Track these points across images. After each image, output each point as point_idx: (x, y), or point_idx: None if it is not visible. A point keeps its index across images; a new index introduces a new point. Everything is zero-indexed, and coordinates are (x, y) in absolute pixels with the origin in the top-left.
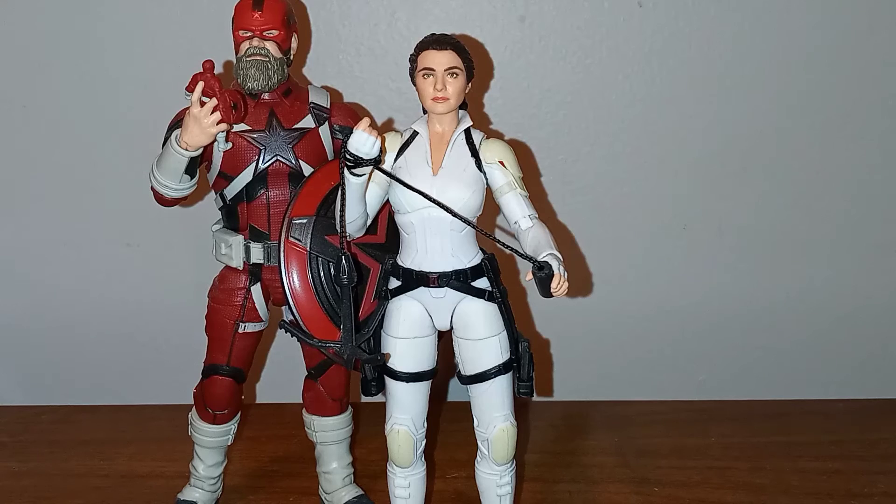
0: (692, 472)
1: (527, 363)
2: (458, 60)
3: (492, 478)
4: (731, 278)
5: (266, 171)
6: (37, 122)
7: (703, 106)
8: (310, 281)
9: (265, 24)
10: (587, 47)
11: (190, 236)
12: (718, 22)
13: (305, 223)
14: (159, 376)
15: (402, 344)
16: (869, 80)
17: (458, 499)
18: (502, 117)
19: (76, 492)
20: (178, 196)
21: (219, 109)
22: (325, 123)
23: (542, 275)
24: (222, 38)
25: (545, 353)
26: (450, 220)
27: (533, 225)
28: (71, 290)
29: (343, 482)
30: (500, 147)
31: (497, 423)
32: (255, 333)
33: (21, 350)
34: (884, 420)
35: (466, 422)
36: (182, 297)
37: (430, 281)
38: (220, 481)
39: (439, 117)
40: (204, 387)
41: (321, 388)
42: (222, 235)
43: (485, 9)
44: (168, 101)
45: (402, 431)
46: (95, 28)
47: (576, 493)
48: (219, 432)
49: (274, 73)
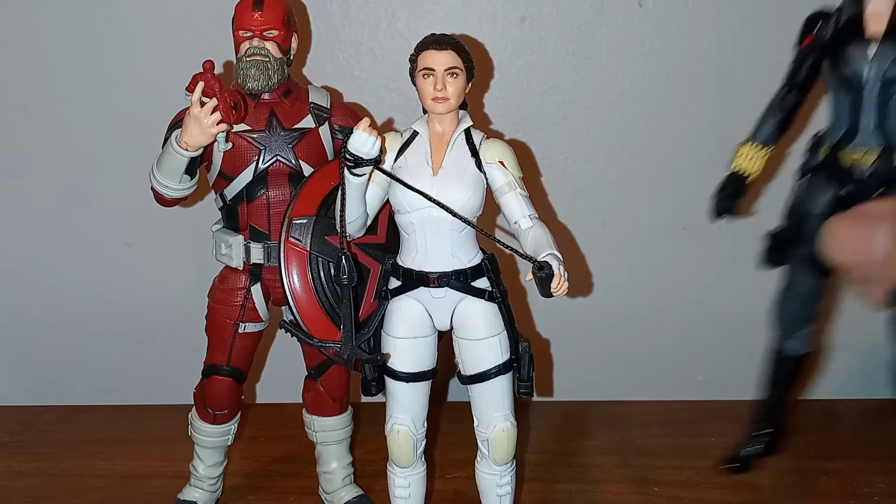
0: (692, 472)
1: (527, 363)
2: (458, 60)
3: (492, 478)
4: (731, 278)
5: (266, 171)
6: (36, 123)
7: (703, 106)
8: (310, 281)
9: (265, 24)
10: (587, 47)
11: (190, 236)
12: (718, 22)
13: (305, 223)
14: (159, 376)
15: (402, 344)
16: None
17: (458, 499)
18: (502, 117)
19: (76, 492)
20: (178, 196)
21: (219, 109)
22: (325, 123)
23: (542, 275)
24: (222, 38)
25: (545, 353)
26: (450, 220)
27: (533, 225)
28: (71, 289)
29: (343, 482)
30: (500, 147)
31: (497, 423)
32: (255, 333)
33: (21, 350)
34: (884, 420)
35: (466, 422)
36: (182, 297)
37: (430, 281)
38: (220, 481)
39: (439, 117)
40: (204, 387)
41: (321, 388)
42: (222, 235)
43: (485, 9)
44: (168, 101)
45: (402, 431)
46: (95, 28)
47: (576, 493)
48: (219, 432)
49: (274, 73)
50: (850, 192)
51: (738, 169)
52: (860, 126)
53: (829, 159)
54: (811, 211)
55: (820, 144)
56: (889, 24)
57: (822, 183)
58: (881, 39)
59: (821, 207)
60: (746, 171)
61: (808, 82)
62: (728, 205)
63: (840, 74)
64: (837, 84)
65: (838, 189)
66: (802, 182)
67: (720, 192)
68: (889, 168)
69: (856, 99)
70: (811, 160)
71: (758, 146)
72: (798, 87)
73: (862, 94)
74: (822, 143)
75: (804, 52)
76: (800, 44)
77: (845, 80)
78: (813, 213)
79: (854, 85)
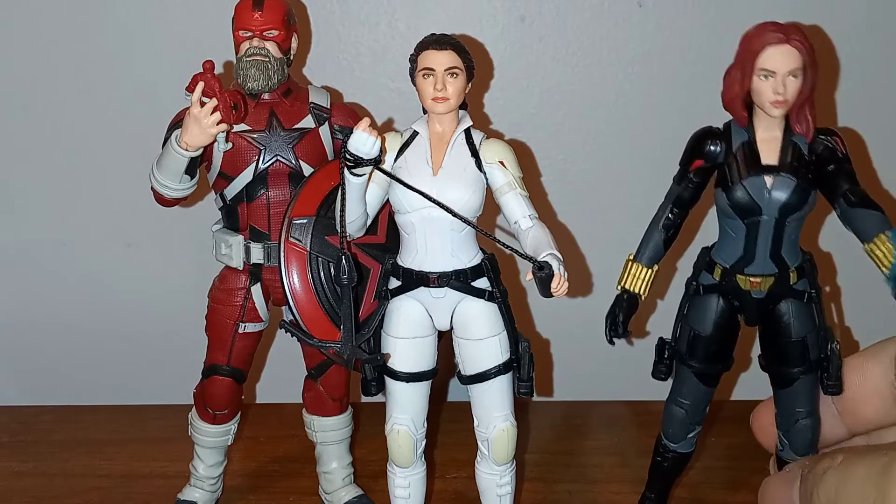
0: (692, 472)
1: (527, 363)
2: (458, 60)
3: (492, 478)
4: None
5: (266, 172)
6: (37, 123)
7: (703, 106)
8: (310, 281)
9: (265, 24)
10: (587, 47)
11: (190, 236)
12: (718, 22)
13: (305, 223)
14: (159, 376)
15: (402, 344)
16: (870, 79)
17: (458, 499)
18: (502, 117)
19: (76, 492)
20: (178, 196)
21: (219, 110)
22: (325, 123)
23: (543, 275)
24: (222, 38)
25: (545, 353)
26: (450, 220)
27: (533, 225)
28: (71, 290)
29: (343, 482)
30: (500, 147)
31: (497, 423)
32: (255, 333)
33: (21, 350)
34: None
35: (466, 422)
36: (182, 297)
37: (430, 281)
38: (220, 481)
39: (439, 117)
40: (204, 387)
41: (321, 388)
42: (222, 235)
43: (485, 9)
44: (168, 101)
45: (402, 431)
46: (95, 28)
47: (576, 493)
48: (219, 432)
49: (274, 73)
50: (744, 308)
51: (627, 287)
52: (756, 253)
53: (724, 280)
54: (705, 328)
55: (713, 264)
56: (781, 151)
57: (715, 301)
58: (777, 168)
59: (715, 323)
60: (636, 290)
61: (693, 201)
62: (622, 330)
63: (735, 202)
64: (731, 209)
65: (732, 306)
66: (696, 299)
67: (612, 315)
68: (785, 287)
69: (752, 228)
70: (704, 278)
71: (643, 267)
72: (682, 206)
73: (759, 221)
74: (715, 263)
75: (692, 173)
76: (688, 164)
77: (740, 207)
78: (706, 331)
79: (750, 213)
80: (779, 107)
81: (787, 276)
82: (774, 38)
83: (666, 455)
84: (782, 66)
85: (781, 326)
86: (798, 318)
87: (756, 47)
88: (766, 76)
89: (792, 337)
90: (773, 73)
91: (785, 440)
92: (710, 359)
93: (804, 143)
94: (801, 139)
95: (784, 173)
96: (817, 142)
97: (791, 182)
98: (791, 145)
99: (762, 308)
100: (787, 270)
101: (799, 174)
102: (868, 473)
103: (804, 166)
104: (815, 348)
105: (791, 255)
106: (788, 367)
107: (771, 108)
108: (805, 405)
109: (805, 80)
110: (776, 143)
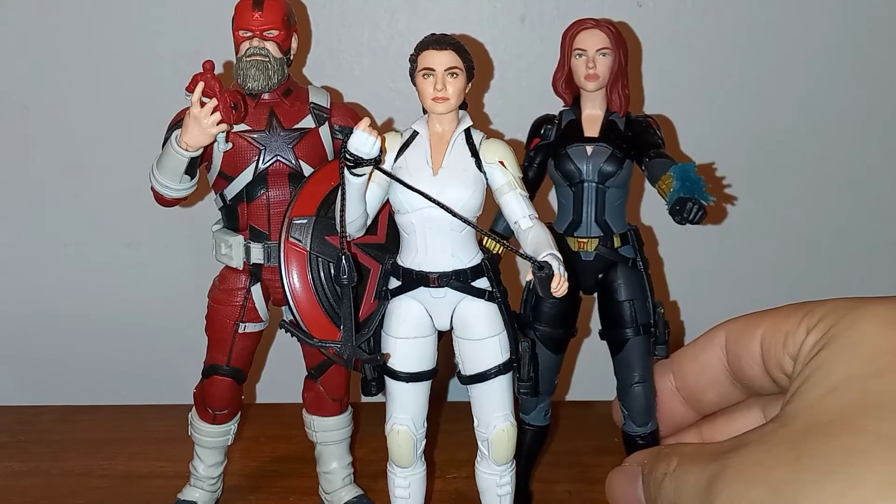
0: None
1: (527, 363)
2: (458, 60)
3: (492, 478)
4: (732, 278)
5: (266, 172)
6: (37, 123)
7: (703, 106)
8: (310, 281)
9: (265, 24)
10: None
11: (190, 236)
12: (718, 22)
13: (305, 223)
14: (159, 376)
15: (402, 344)
16: (870, 79)
17: (458, 499)
18: (502, 117)
19: (76, 492)
20: (178, 196)
21: (219, 110)
22: (325, 123)
23: (543, 275)
24: (222, 38)
25: None
26: (450, 220)
27: (533, 225)
28: (71, 290)
29: (343, 482)
30: (500, 147)
31: (497, 423)
32: (255, 333)
33: (21, 350)
34: None
35: (466, 422)
36: (182, 297)
37: (430, 281)
38: (220, 481)
39: (439, 117)
40: (204, 387)
41: (321, 388)
42: (222, 235)
43: (485, 9)
44: (168, 102)
45: (402, 431)
46: (96, 28)
47: (576, 493)
48: (219, 432)
49: (274, 73)
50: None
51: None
52: (583, 217)
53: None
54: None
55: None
56: (602, 126)
57: None
58: (597, 140)
59: None
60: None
61: (538, 180)
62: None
63: (563, 171)
64: (561, 180)
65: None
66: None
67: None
68: (611, 251)
69: (577, 193)
70: None
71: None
72: (528, 185)
73: (582, 188)
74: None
75: (532, 153)
76: (528, 145)
77: (567, 176)
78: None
79: (575, 181)
80: (591, 80)
81: (612, 240)
82: (587, 24)
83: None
84: (592, 45)
85: (612, 290)
86: (626, 282)
87: (573, 33)
88: (580, 55)
89: (621, 298)
90: (584, 51)
91: (625, 410)
92: (554, 323)
93: (620, 119)
94: (618, 116)
95: (602, 143)
96: (633, 120)
97: (607, 150)
98: (609, 122)
99: (595, 275)
100: (611, 235)
101: (615, 144)
102: (696, 484)
103: (620, 138)
104: (644, 312)
105: (615, 222)
106: (619, 328)
107: (585, 83)
108: (638, 370)
109: (614, 59)
110: (598, 120)
